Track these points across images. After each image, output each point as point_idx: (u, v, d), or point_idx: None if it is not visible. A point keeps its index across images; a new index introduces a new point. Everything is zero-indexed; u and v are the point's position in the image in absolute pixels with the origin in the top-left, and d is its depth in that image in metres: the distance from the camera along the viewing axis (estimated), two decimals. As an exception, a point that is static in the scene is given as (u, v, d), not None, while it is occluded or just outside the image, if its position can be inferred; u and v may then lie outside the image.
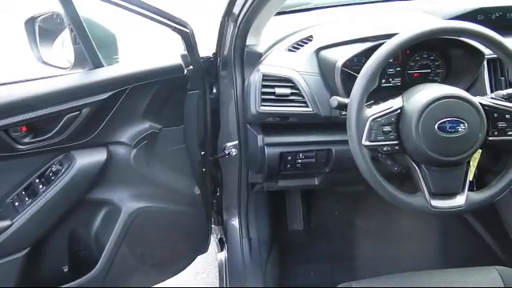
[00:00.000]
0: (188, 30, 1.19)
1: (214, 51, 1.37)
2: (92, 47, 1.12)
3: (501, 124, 1.02)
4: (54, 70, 1.24)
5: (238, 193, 1.52)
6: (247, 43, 1.27)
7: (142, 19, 1.12)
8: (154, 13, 1.12)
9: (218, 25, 1.28)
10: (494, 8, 1.36)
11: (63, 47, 1.23)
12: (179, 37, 1.20)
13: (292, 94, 1.23)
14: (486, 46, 1.06)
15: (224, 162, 1.53)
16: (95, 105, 1.13)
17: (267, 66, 1.26)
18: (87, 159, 1.18)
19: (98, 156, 1.20)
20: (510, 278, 1.06)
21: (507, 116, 1.02)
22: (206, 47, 1.36)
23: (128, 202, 1.30)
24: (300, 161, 1.32)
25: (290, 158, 1.31)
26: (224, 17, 1.23)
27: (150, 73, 1.20)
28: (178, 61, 1.24)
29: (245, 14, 1.12)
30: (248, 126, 1.33)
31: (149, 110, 1.25)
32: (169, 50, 1.32)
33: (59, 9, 1.07)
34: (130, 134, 1.24)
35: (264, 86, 1.23)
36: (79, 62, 1.15)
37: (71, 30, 1.10)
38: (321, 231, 1.92)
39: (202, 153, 1.45)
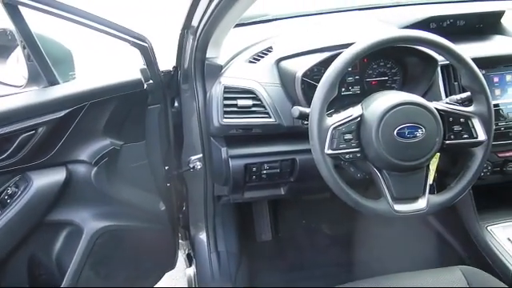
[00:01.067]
0: (146, 44, 1.18)
1: (174, 65, 1.35)
2: (46, 64, 1.09)
3: (456, 128, 1.05)
4: (7, 88, 1.19)
5: (204, 206, 1.51)
6: (207, 56, 1.27)
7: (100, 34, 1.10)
8: (111, 27, 1.10)
9: (177, 38, 1.27)
10: (444, 16, 1.42)
11: (18, 63, 1.19)
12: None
13: (254, 105, 1.24)
14: (439, 53, 1.10)
15: (189, 176, 1.51)
16: (51, 123, 1.09)
17: (228, 78, 1.26)
18: (45, 180, 1.14)
19: (56, 176, 1.16)
20: (472, 277, 1.09)
21: (462, 120, 1.05)
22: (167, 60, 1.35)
23: (90, 222, 1.26)
24: (265, 172, 1.31)
25: (254, 169, 1.31)
26: (183, 30, 1.23)
27: (109, 88, 1.18)
28: (137, 75, 1.22)
29: (204, 26, 1.12)
30: (211, 138, 1.32)
31: (109, 127, 1.22)
32: (128, 64, 1.30)
33: (10, 25, 1.04)
34: (90, 152, 1.21)
35: (226, 99, 1.23)
36: (33, 79, 1.11)
37: (23, 47, 1.07)
38: (289, 240, 1.92)
39: (166, 167, 1.42)
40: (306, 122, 1.05)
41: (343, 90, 1.32)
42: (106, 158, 1.22)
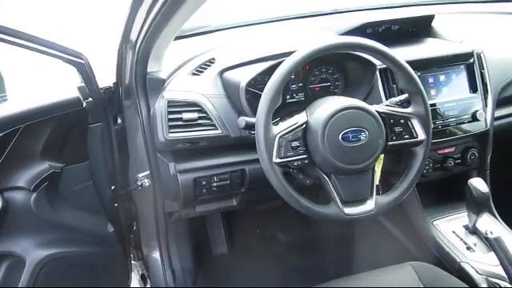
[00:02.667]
0: (83, 61, 1.13)
1: (115, 80, 1.31)
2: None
3: (397, 129, 1.09)
4: None
5: (155, 224, 1.46)
6: (149, 70, 1.23)
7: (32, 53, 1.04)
8: (43, 45, 1.05)
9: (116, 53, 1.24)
10: (380, 22, 1.47)
11: None
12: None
13: (200, 117, 1.22)
14: (376, 58, 1.13)
15: (137, 194, 1.46)
16: None
17: (172, 92, 1.23)
18: None
19: None
20: (423, 272, 1.13)
21: (402, 121, 1.09)
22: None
23: (33, 252, 1.19)
24: (215, 184, 1.30)
25: (204, 182, 1.29)
26: (121, 44, 1.19)
27: (44, 109, 1.12)
28: (75, 94, 1.17)
29: (142, 40, 1.09)
30: (158, 154, 1.28)
31: (47, 149, 1.16)
32: (66, 82, 1.25)
33: None
34: (28, 177, 1.14)
35: (170, 113, 1.20)
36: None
37: None
38: (245, 251, 1.91)
39: (113, 187, 1.37)
40: (252, 132, 1.04)
41: (288, 97, 1.33)
42: (47, 183, 1.16)
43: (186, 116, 1.20)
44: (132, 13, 0.99)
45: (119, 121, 1.34)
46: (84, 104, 1.17)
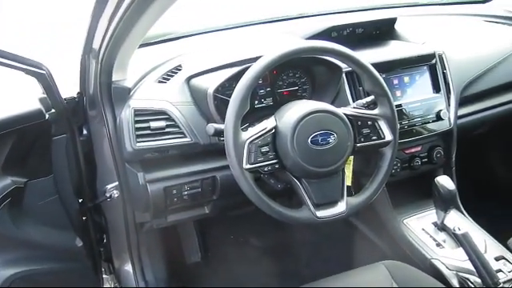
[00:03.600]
0: (44, 71, 1.10)
1: (79, 90, 1.28)
2: None
3: (365, 130, 1.10)
4: None
5: (126, 236, 1.43)
6: (113, 79, 1.21)
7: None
8: (0, 56, 1.01)
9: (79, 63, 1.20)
10: (344, 25, 1.49)
11: None
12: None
13: (168, 126, 1.20)
14: (341, 61, 1.15)
15: (106, 206, 1.43)
16: None
17: (138, 101, 1.21)
18: None
19: None
20: (396, 271, 1.14)
21: (369, 122, 1.10)
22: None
23: None
24: (186, 193, 1.28)
25: (175, 191, 1.27)
26: (84, 54, 1.16)
27: (4, 122, 1.08)
28: (37, 105, 1.13)
29: (105, 48, 1.06)
30: (126, 164, 1.26)
31: (9, 164, 1.12)
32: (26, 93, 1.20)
33: None
34: (-11, 194, 1.09)
35: (137, 122, 1.17)
36: None
37: None
38: (220, 258, 1.89)
39: (80, 200, 1.33)
40: (222, 139, 1.04)
41: (256, 102, 1.33)
42: (9, 199, 1.12)
43: (153, 125, 1.18)
44: (94, 21, 0.97)
45: (84, 131, 1.31)
46: (46, 116, 1.13)
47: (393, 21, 1.56)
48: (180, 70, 1.32)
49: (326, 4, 1.85)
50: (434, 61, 1.45)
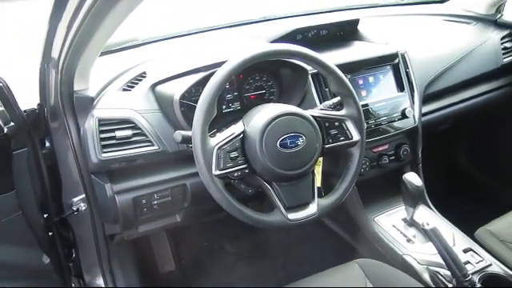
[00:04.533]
0: (0, 84, 1.05)
1: (39, 102, 1.23)
2: None
3: (333, 131, 1.11)
4: None
5: (96, 250, 1.39)
6: (75, 88, 1.17)
7: None
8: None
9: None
10: (309, 27, 1.50)
11: None
12: None
13: (134, 134, 1.17)
14: (307, 63, 1.15)
15: (74, 220, 1.38)
16: None
17: (102, 110, 1.18)
18: None
19: None
20: (369, 268, 1.16)
21: (336, 123, 1.11)
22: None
23: None
24: (156, 202, 1.26)
25: (144, 201, 1.24)
26: (43, 64, 1.12)
27: None
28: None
29: (65, 57, 1.03)
30: (92, 176, 1.22)
31: (-34, 182, 1.06)
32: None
33: None
34: None
35: (102, 132, 1.14)
36: None
37: None
38: (194, 266, 1.87)
39: (45, 215, 1.28)
40: (190, 146, 1.02)
41: (224, 107, 1.32)
42: None
43: (119, 134, 1.15)
44: (51, 29, 0.94)
45: (47, 144, 1.26)
46: (5, 129, 1.09)
47: (356, 22, 1.59)
48: (144, 77, 1.29)
49: (289, 7, 1.86)
50: (396, 60, 1.48)
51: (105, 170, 1.20)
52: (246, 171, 1.03)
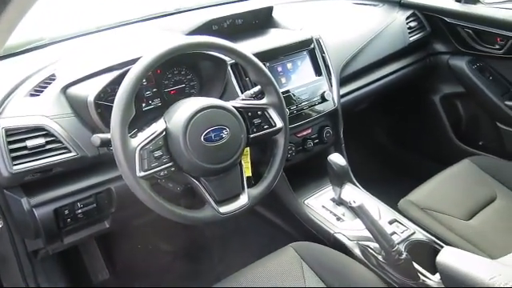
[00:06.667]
0: None
1: None
2: None
3: (256, 121, 1.11)
4: None
5: (19, 268, 1.30)
6: (-26, 97, 1.07)
7: None
8: None
9: None
10: (224, 17, 1.49)
11: None
12: None
13: (48, 142, 1.09)
14: (224, 54, 1.14)
15: (-10, 240, 1.27)
16: None
17: (9, 119, 1.08)
18: None
19: None
20: (303, 250, 1.19)
21: (259, 112, 1.12)
22: None
23: None
24: (80, 211, 1.18)
25: (67, 211, 1.17)
26: None
27: None
28: None
29: None
30: (5, 191, 1.12)
31: None
32: None
33: None
34: None
35: (10, 143, 1.05)
36: None
37: None
38: (130, 271, 1.80)
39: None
40: (111, 148, 0.97)
41: (143, 105, 1.27)
42: None
43: (30, 143, 1.06)
44: None
45: None
46: None
47: (270, 9, 1.60)
48: (54, 79, 1.20)
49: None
50: (312, 46, 1.52)
51: (18, 183, 1.11)
52: (173, 169, 1.00)
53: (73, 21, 1.61)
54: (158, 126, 1.00)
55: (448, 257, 1.00)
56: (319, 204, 1.49)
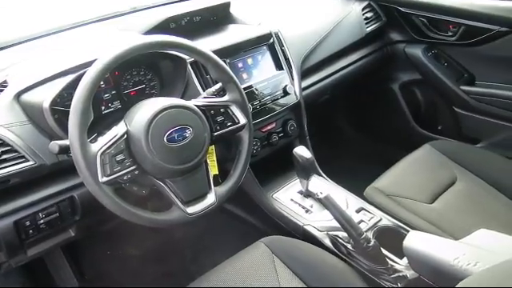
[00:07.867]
0: None
1: None
2: None
3: (219, 118, 1.10)
4: None
5: None
6: None
7: None
8: None
9: None
10: (181, 15, 1.46)
11: None
12: None
13: (3, 152, 1.04)
14: (183, 53, 1.13)
15: None
16: None
17: None
18: None
19: None
20: (274, 245, 1.19)
21: (222, 110, 1.11)
22: None
23: None
24: (42, 221, 1.14)
25: (28, 223, 1.12)
26: None
27: None
28: None
29: None
30: None
31: None
32: None
33: None
34: None
35: None
36: None
37: None
38: (100, 278, 1.76)
39: None
40: (71, 155, 0.94)
41: (103, 108, 1.23)
42: None
43: None
44: None
45: None
46: None
47: (227, 5, 1.58)
48: (5, 86, 1.14)
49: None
50: (271, 40, 1.52)
51: None
52: (136, 172, 0.98)
53: (23, 24, 1.55)
54: (118, 129, 0.97)
55: (414, 241, 1.03)
56: (287, 197, 1.50)
